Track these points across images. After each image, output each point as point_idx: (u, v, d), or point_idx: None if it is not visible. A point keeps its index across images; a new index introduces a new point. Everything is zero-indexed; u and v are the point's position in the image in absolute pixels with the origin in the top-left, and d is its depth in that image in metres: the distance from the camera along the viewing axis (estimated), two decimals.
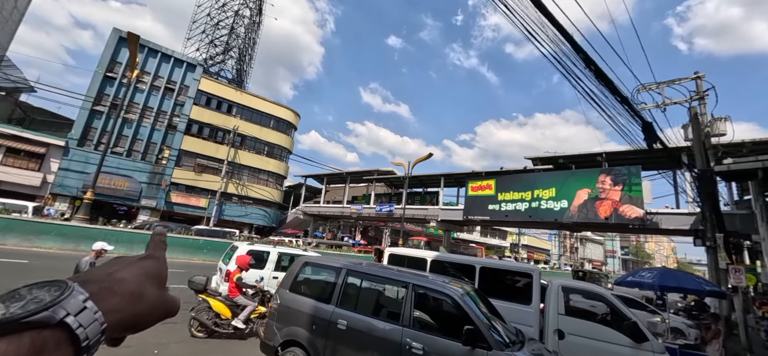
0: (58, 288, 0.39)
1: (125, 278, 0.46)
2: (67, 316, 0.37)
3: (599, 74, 4.97)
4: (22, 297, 0.37)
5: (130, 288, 0.45)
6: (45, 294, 0.37)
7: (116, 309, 0.42)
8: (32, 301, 0.36)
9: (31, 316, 0.35)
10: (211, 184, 32.27)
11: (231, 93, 35.34)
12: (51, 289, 0.38)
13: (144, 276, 0.48)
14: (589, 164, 21.65)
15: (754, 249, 16.90)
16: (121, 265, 0.48)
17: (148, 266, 0.49)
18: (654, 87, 12.43)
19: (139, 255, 0.51)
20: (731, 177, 12.30)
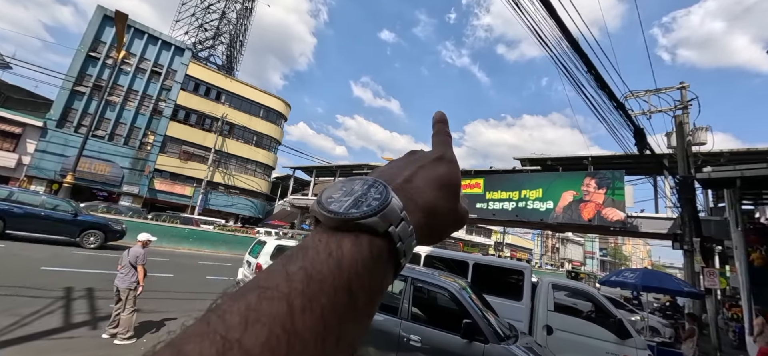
0: (378, 190, 0.35)
1: (421, 188, 0.39)
2: (390, 226, 0.33)
3: (598, 79, 5.11)
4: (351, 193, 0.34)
5: (428, 202, 0.38)
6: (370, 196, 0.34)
7: (418, 224, 0.37)
8: (360, 201, 0.33)
9: (364, 219, 0.32)
10: (197, 172, 31.57)
11: (220, 80, 34.53)
12: (371, 189, 0.35)
13: (440, 187, 0.40)
14: (576, 167, 22.19)
15: (724, 254, 17.75)
16: (413, 168, 0.41)
17: (442, 174, 0.41)
18: (642, 94, 12.82)
19: (429, 155, 0.44)
20: (710, 184, 12.82)
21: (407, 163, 0.42)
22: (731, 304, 16.10)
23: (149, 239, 5.46)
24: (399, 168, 0.41)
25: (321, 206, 0.34)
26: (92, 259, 10.27)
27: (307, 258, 0.29)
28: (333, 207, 0.33)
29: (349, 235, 0.31)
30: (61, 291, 6.63)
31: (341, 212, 0.32)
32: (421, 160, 0.42)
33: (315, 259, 0.29)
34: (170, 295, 7.54)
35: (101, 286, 7.22)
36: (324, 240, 0.31)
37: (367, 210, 0.32)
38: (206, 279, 10.46)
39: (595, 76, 5.51)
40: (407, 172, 0.40)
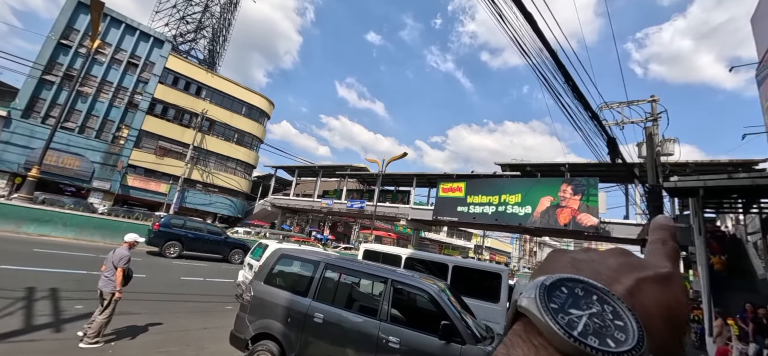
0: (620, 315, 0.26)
1: (654, 316, 0.28)
2: None
3: (575, 90, 5.32)
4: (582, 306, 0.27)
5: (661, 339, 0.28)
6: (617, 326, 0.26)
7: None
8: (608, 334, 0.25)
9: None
10: (173, 169, 30.57)
11: (201, 74, 33.61)
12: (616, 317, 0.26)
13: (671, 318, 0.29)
14: (553, 173, 22.92)
15: (688, 260, 18.76)
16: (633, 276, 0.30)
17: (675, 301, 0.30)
18: (616, 106, 13.40)
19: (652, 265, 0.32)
20: (676, 193, 13.52)
21: (624, 264, 0.32)
22: (693, 307, 16.97)
23: (136, 240, 5.30)
24: (612, 268, 0.31)
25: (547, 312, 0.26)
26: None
27: None
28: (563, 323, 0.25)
29: None
30: None
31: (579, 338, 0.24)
32: (643, 267, 0.32)
33: None
34: (142, 297, 7.27)
35: None
36: None
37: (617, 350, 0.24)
38: (180, 280, 10.15)
39: (572, 86, 5.73)
40: (628, 281, 0.30)
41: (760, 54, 14.95)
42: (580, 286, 0.28)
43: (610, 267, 0.31)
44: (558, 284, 0.28)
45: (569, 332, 0.24)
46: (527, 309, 0.27)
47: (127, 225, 17.09)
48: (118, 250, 5.01)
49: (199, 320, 6.64)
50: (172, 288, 8.74)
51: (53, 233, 14.44)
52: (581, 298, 0.27)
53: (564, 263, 0.32)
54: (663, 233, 0.37)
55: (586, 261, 0.32)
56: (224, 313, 7.26)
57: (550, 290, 0.28)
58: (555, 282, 0.28)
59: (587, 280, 0.28)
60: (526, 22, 4.73)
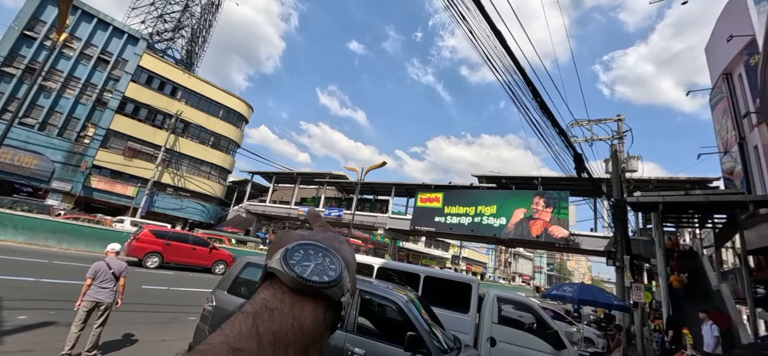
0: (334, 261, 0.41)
1: (348, 259, 0.45)
2: (343, 296, 0.38)
3: (543, 107, 5.52)
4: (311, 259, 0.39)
5: (354, 272, 0.45)
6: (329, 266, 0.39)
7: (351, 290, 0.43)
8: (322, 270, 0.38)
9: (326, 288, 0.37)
10: (143, 171, 29.24)
11: (177, 74, 32.55)
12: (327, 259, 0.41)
13: (354, 260, 0.48)
14: (527, 186, 23.60)
15: (651, 271, 19.70)
16: (338, 240, 0.48)
17: (352, 251, 0.49)
18: (585, 123, 14.02)
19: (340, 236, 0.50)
20: (639, 207, 14.24)
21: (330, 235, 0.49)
22: (655, 316, 17.77)
23: (116, 250, 5.22)
24: (325, 237, 0.47)
25: (287, 266, 0.37)
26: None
27: (275, 321, 0.32)
28: (298, 270, 0.37)
29: (310, 301, 0.36)
30: None
31: (305, 277, 0.37)
32: (339, 236, 0.50)
33: (282, 323, 0.32)
34: None
35: None
36: (288, 303, 0.35)
37: (328, 280, 0.37)
38: (142, 288, 9.62)
39: (540, 103, 5.95)
40: (335, 243, 0.46)
41: (713, 80, 16.13)
42: (311, 248, 0.42)
43: (326, 237, 0.47)
44: (297, 248, 0.41)
45: (299, 275, 0.36)
46: (273, 267, 0.38)
47: (90, 230, 16.12)
48: (114, 261, 4.97)
49: (158, 331, 6.30)
50: (131, 297, 8.25)
51: (2, 236, 13.41)
52: (312, 255, 0.40)
53: (295, 237, 0.45)
54: (319, 219, 0.56)
55: (310, 235, 0.46)
56: (186, 324, 6.92)
57: (292, 251, 0.40)
58: (296, 246, 0.41)
59: (316, 243, 0.43)
60: (497, 39, 4.88)
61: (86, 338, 4.60)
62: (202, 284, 12.19)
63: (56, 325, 5.52)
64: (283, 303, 0.34)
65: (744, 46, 12.73)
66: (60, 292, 7.55)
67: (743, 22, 11.91)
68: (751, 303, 11.59)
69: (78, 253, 14.06)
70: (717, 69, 15.38)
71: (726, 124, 14.94)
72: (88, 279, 4.68)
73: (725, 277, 14.54)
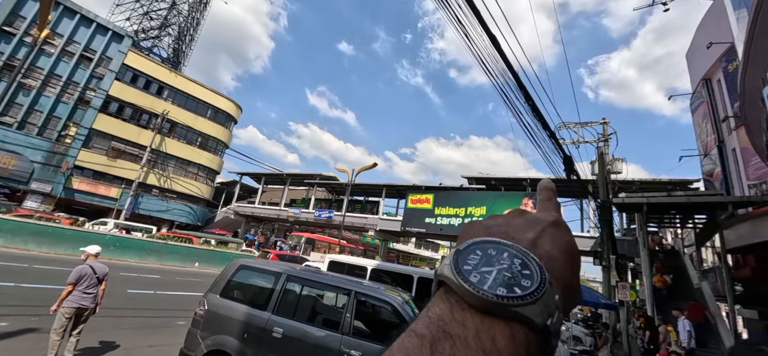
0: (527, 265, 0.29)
1: (554, 256, 0.33)
2: (548, 319, 0.27)
3: (535, 109, 5.62)
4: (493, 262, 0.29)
5: (566, 277, 0.33)
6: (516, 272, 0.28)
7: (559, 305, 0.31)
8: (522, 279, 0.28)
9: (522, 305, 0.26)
10: (127, 172, 28.51)
11: (163, 73, 31.88)
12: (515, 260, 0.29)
13: (571, 257, 0.34)
14: (516, 187, 23.95)
15: (635, 270, 20.24)
16: (537, 229, 0.34)
17: (570, 242, 0.35)
18: (572, 125, 14.31)
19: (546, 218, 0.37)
20: (624, 208, 14.62)
21: (525, 222, 0.36)
22: (640, 314, 18.21)
23: (98, 252, 5.08)
24: (516, 226, 0.35)
25: (460, 275, 0.28)
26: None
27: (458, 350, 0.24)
28: (475, 281, 0.28)
29: (500, 323, 0.26)
30: None
31: (488, 291, 0.27)
32: (541, 221, 0.36)
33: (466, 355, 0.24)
34: None
35: None
36: (472, 329, 0.26)
37: (522, 294, 0.27)
38: (127, 292, 9.37)
39: (532, 106, 6.05)
40: (531, 234, 0.34)
41: (693, 85, 16.69)
42: (492, 246, 0.31)
43: (516, 226, 0.35)
44: (471, 248, 0.31)
45: (478, 287, 0.27)
46: (443, 274, 0.29)
47: (72, 233, 15.63)
48: (97, 264, 4.81)
49: (145, 337, 6.15)
50: (117, 301, 8.04)
51: None
52: (493, 257, 0.30)
53: (478, 230, 0.35)
54: (547, 193, 0.44)
55: (496, 225, 0.35)
56: (175, 329, 6.77)
57: (463, 254, 0.30)
58: (468, 246, 0.31)
59: (497, 240, 0.31)
60: (491, 43, 4.95)
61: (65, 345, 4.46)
62: (191, 288, 11.96)
63: (38, 332, 5.33)
64: (466, 328, 0.25)
65: (723, 52, 13.23)
66: (41, 298, 7.29)
67: (722, 30, 12.37)
68: (731, 300, 12.02)
69: (58, 257, 13.61)
70: (697, 74, 15.93)
71: (706, 127, 15.48)
72: (69, 285, 4.46)
73: (706, 275, 15.03)
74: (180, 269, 17.21)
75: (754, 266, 12.81)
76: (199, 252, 20.36)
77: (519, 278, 0.28)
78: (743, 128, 10.76)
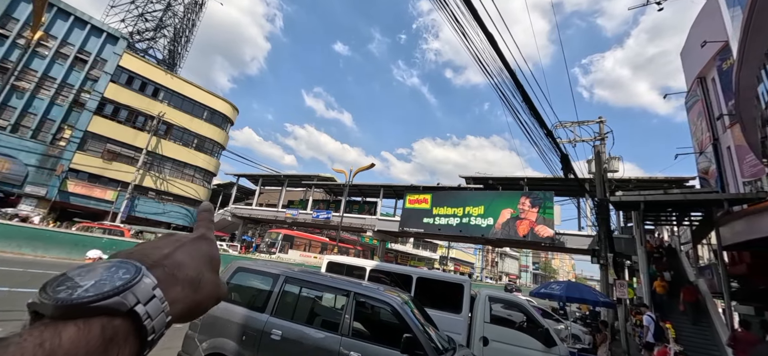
0: (128, 269, 0.34)
1: (184, 262, 0.40)
2: (136, 304, 0.32)
3: (532, 109, 5.63)
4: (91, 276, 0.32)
5: (191, 275, 0.40)
6: (114, 276, 0.33)
7: (178, 298, 0.37)
8: (102, 282, 0.31)
9: (102, 300, 0.30)
10: (123, 175, 28.30)
11: (159, 75, 31.69)
12: (119, 270, 0.34)
13: (201, 260, 0.42)
14: (513, 187, 24.00)
15: (632, 268, 20.33)
16: (175, 245, 0.42)
17: (203, 249, 0.44)
18: (569, 124, 14.34)
19: (190, 235, 0.46)
20: (621, 206, 14.67)
21: (166, 242, 0.43)
22: (637, 312, 18.31)
23: (102, 256, 4.85)
24: (155, 247, 0.41)
25: (44, 293, 0.30)
26: None
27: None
28: (62, 295, 0.29)
29: (69, 325, 0.28)
30: None
31: (72, 298, 0.29)
32: (181, 239, 0.44)
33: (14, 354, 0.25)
34: None
35: None
36: (36, 333, 0.27)
37: (107, 291, 0.30)
38: None
39: (529, 105, 6.06)
40: (167, 250, 0.40)
41: (688, 84, 16.80)
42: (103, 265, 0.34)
43: (155, 246, 0.41)
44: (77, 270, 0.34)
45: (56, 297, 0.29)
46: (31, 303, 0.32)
47: (66, 236, 15.49)
48: None
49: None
50: None
51: None
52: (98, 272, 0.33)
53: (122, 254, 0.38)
54: (204, 214, 0.52)
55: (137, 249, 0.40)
56: (174, 332, 6.68)
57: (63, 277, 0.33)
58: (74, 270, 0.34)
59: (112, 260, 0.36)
60: (488, 42, 4.95)
61: None
62: None
63: None
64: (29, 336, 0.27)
65: (717, 51, 13.31)
66: None
67: (716, 28, 12.45)
68: (727, 297, 12.10)
69: (54, 261, 13.47)
70: (692, 73, 16.03)
71: (701, 125, 15.58)
72: None
73: (702, 272, 15.14)
74: None
75: (749, 262, 12.88)
76: None
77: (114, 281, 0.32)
78: (738, 126, 10.83)
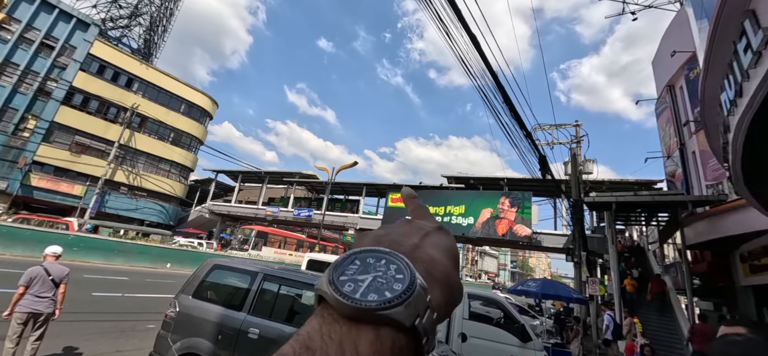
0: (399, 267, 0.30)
1: (436, 259, 0.34)
2: (417, 320, 0.28)
3: (513, 110, 5.75)
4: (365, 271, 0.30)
5: (446, 273, 0.34)
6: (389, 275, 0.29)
7: (437, 304, 0.31)
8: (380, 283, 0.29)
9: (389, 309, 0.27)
10: (92, 169, 26.98)
11: (134, 65, 30.36)
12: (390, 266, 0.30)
13: (450, 256, 0.36)
14: (494, 187, 24.52)
15: (604, 266, 21.21)
16: (420, 235, 0.36)
17: (449, 244, 0.37)
18: (547, 127, 14.77)
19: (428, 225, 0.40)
20: (594, 207, 15.25)
21: (410, 229, 0.38)
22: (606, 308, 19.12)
23: (57, 253, 4.65)
24: (402, 234, 0.37)
25: (333, 285, 0.29)
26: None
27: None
28: (347, 290, 0.28)
29: (367, 329, 0.27)
30: None
31: (358, 299, 0.27)
32: (424, 227, 0.39)
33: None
34: None
35: None
36: (336, 337, 0.26)
37: (390, 298, 0.27)
38: (92, 296, 8.88)
39: (510, 107, 6.19)
40: (414, 239, 0.36)
41: (658, 91, 17.63)
42: (371, 255, 0.32)
43: (402, 233, 0.37)
44: (350, 258, 0.32)
45: (348, 296, 0.27)
46: (320, 288, 0.30)
47: (29, 233, 14.63)
48: (54, 265, 4.42)
49: (113, 342, 5.84)
50: (81, 305, 7.59)
51: None
52: (371, 265, 0.31)
53: (369, 239, 0.36)
54: (414, 201, 0.46)
55: (384, 235, 0.37)
56: (145, 333, 6.48)
57: (341, 265, 0.31)
58: (346, 257, 0.32)
59: (376, 249, 0.32)
60: (472, 43, 5.02)
61: (22, 352, 4.16)
62: (162, 290, 11.49)
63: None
64: (330, 339, 0.26)
65: (685, 60, 14.04)
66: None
67: (685, 39, 13.11)
68: (690, 293, 12.81)
69: (15, 259, 12.70)
70: (662, 81, 16.83)
71: (669, 131, 16.40)
72: (21, 287, 4.14)
73: (667, 270, 15.97)
74: (150, 270, 16.49)
75: (710, 261, 13.70)
76: (171, 252, 19.60)
77: (391, 282, 0.29)
78: (702, 132, 11.47)
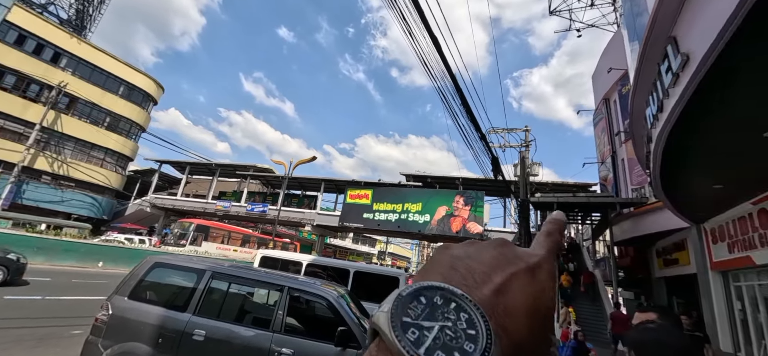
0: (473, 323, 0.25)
1: (515, 313, 0.28)
2: None
3: (469, 112, 5.99)
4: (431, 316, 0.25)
5: (522, 337, 0.27)
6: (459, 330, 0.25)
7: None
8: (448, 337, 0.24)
9: None
10: (6, 154, 23.51)
11: (62, 38, 26.85)
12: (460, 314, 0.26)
13: (535, 312, 0.29)
14: (449, 186, 25.44)
15: None
16: (505, 272, 0.29)
17: (541, 293, 0.30)
18: (500, 131, 15.66)
19: (525, 255, 0.32)
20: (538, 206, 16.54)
21: (497, 258, 0.31)
22: None
23: None
24: (486, 264, 0.30)
25: (395, 330, 0.24)
26: None
27: None
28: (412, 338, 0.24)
29: None
30: None
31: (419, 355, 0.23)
32: (516, 260, 0.31)
33: None
34: None
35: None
36: None
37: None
38: (4, 299, 7.77)
39: (467, 109, 6.45)
40: (498, 278, 0.29)
41: (596, 103, 19.47)
42: (439, 294, 0.27)
43: (484, 263, 0.30)
44: (417, 293, 0.27)
45: (414, 350, 0.23)
46: (377, 324, 0.25)
47: None
48: None
49: (29, 351, 5.15)
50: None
51: None
52: (438, 308, 0.26)
53: (444, 261, 0.31)
54: (551, 226, 0.38)
55: (463, 257, 0.31)
56: (69, 340, 5.80)
57: (405, 301, 0.26)
58: (413, 292, 0.27)
59: (447, 287, 0.27)
60: (433, 45, 5.14)
61: None
62: (92, 291, 10.38)
63: None
64: None
65: (619, 77, 15.67)
66: None
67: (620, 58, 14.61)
68: (615, 284, 14.39)
69: None
70: (599, 94, 18.62)
71: (604, 139, 18.20)
72: None
73: (598, 264, 17.78)
74: (79, 269, 14.79)
75: (632, 256, 15.52)
76: (104, 249, 17.74)
77: (461, 340, 0.24)
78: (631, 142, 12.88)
